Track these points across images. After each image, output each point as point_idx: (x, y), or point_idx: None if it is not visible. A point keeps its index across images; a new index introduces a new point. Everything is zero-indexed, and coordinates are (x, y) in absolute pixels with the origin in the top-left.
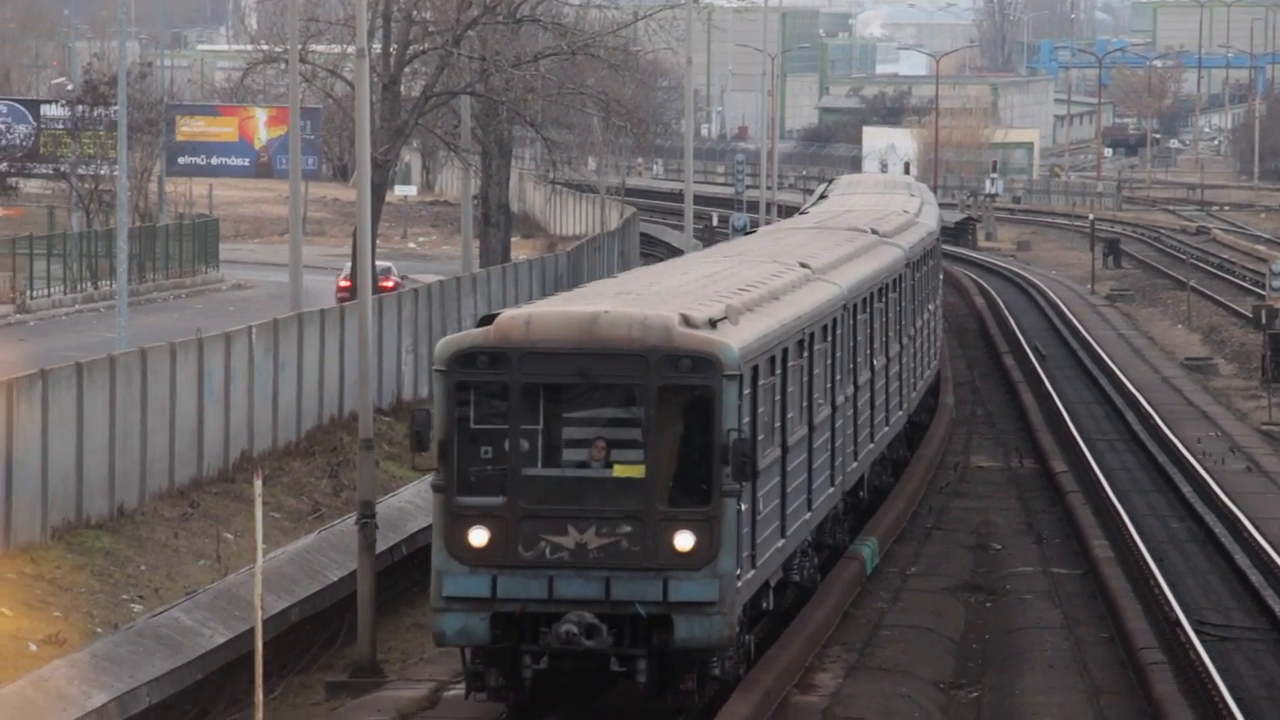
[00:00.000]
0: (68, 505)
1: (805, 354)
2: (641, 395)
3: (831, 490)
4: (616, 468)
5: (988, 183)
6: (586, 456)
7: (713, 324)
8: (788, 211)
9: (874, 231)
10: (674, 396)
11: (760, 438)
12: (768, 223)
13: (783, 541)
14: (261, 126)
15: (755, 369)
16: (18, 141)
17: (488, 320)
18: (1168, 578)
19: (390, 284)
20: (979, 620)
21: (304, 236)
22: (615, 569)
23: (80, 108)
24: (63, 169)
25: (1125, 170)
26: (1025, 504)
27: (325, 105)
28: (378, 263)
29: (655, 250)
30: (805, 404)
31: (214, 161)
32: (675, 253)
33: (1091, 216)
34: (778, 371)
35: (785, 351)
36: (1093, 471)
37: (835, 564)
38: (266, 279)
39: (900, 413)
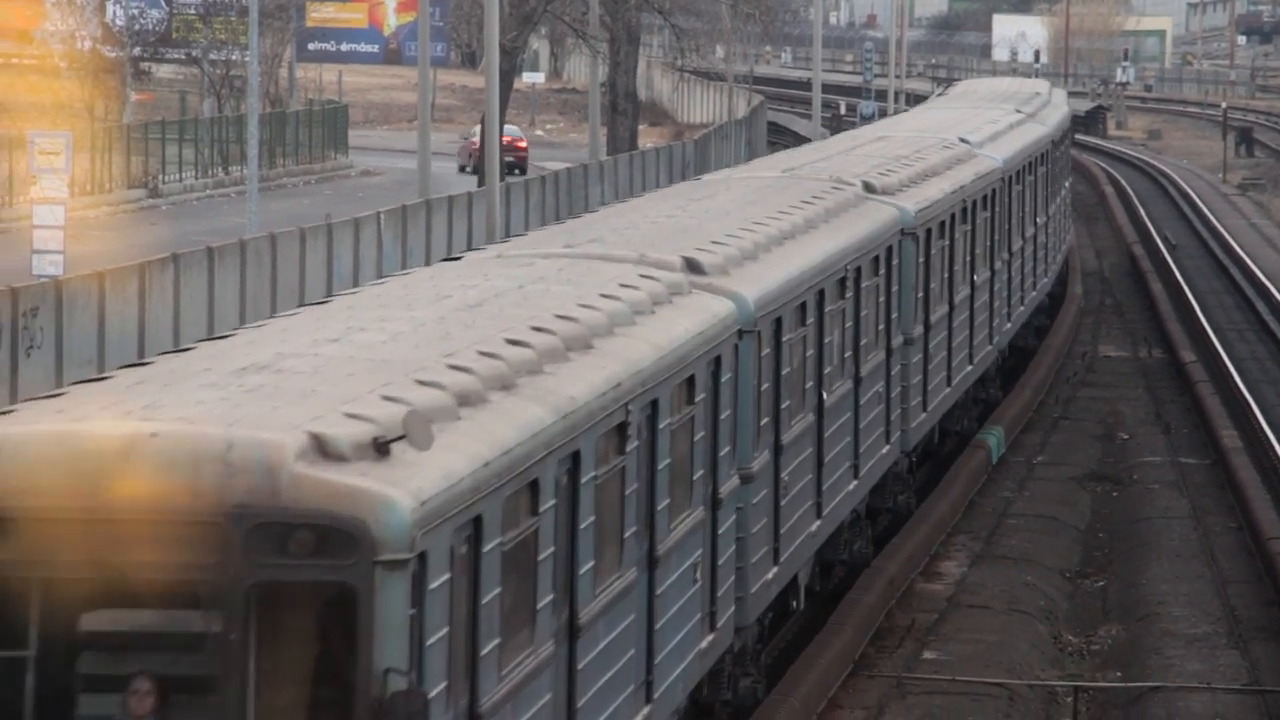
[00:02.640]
0: None
1: (639, 440)
2: (217, 601)
3: (711, 638)
4: None
5: (1119, 71)
6: (117, 714)
7: (380, 448)
8: (916, 99)
9: (867, 185)
10: (283, 603)
11: (490, 648)
12: (895, 112)
13: None
14: (390, 13)
15: (474, 525)
16: (151, 26)
17: None
18: None
19: (524, 144)
20: (1105, 509)
21: (432, 123)
22: None
23: None
24: (195, 54)
25: (1259, 58)
26: (1153, 394)
27: None
28: (507, 125)
29: (783, 139)
30: (639, 529)
31: (343, 48)
32: (802, 141)
33: (1224, 105)
34: (548, 507)
35: (576, 460)
36: (1222, 361)
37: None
38: (395, 165)
39: (875, 463)
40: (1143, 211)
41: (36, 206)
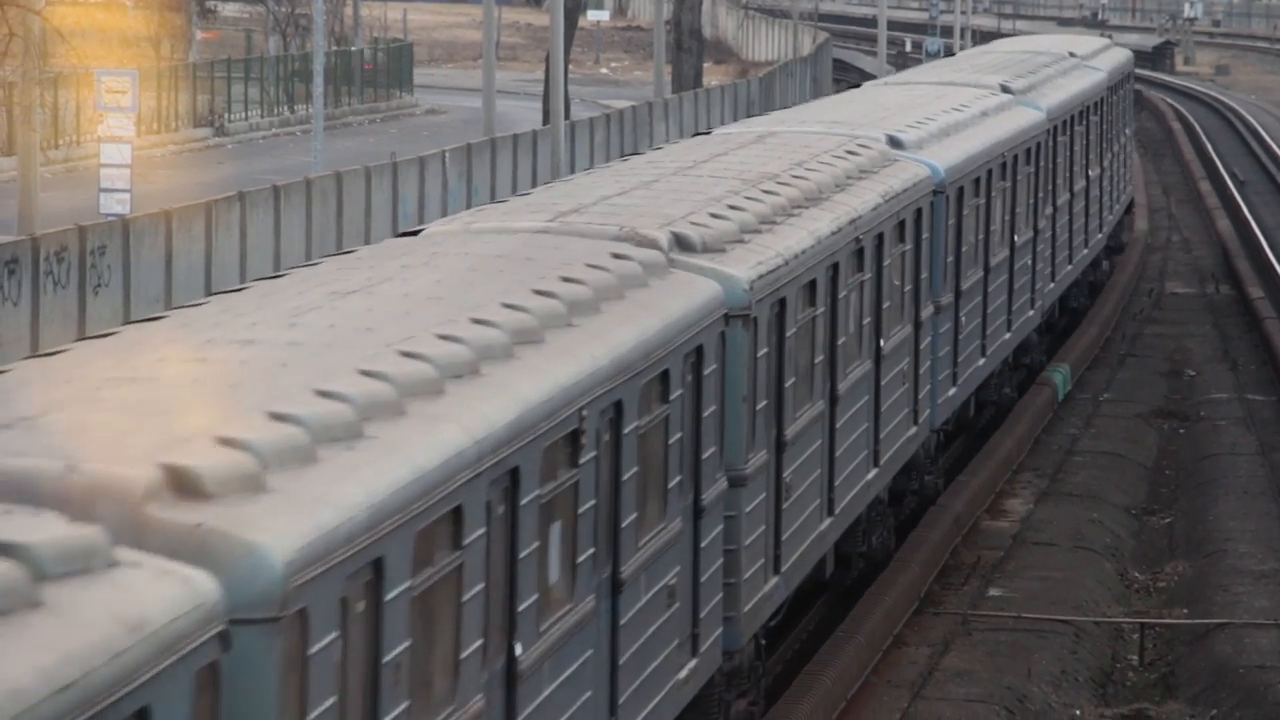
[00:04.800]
0: None
1: None
2: None
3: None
4: None
5: (1186, 6)
6: None
7: None
8: (982, 37)
9: (680, 240)
10: None
11: None
12: (963, 48)
13: None
14: None
15: None
16: None
17: None
18: None
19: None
20: (1172, 446)
21: (497, 62)
22: None
23: None
24: None
25: None
26: (1220, 330)
27: None
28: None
29: (848, 76)
30: None
31: None
32: (868, 78)
33: None
34: None
35: None
36: None
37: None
38: (460, 104)
39: None
40: (1210, 147)
41: (104, 145)
